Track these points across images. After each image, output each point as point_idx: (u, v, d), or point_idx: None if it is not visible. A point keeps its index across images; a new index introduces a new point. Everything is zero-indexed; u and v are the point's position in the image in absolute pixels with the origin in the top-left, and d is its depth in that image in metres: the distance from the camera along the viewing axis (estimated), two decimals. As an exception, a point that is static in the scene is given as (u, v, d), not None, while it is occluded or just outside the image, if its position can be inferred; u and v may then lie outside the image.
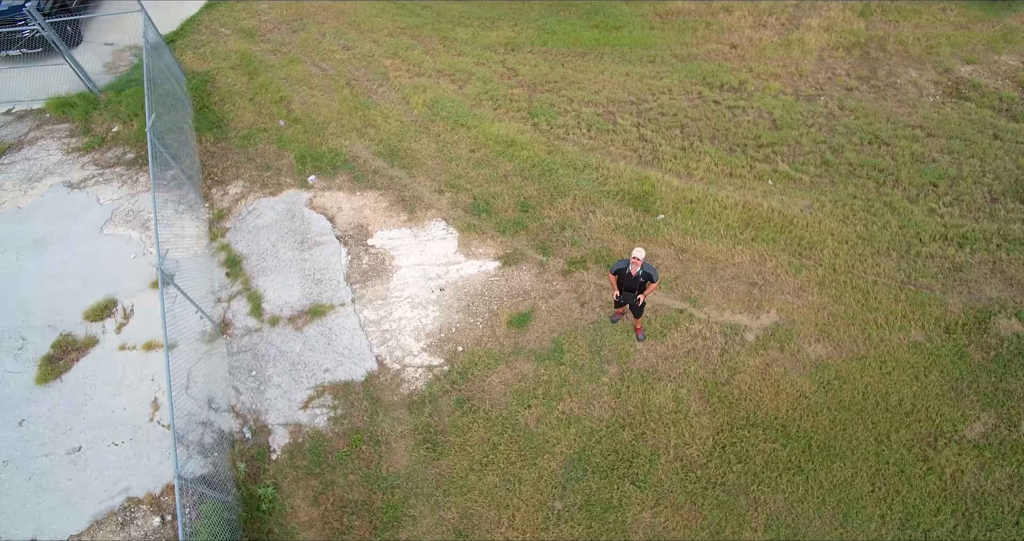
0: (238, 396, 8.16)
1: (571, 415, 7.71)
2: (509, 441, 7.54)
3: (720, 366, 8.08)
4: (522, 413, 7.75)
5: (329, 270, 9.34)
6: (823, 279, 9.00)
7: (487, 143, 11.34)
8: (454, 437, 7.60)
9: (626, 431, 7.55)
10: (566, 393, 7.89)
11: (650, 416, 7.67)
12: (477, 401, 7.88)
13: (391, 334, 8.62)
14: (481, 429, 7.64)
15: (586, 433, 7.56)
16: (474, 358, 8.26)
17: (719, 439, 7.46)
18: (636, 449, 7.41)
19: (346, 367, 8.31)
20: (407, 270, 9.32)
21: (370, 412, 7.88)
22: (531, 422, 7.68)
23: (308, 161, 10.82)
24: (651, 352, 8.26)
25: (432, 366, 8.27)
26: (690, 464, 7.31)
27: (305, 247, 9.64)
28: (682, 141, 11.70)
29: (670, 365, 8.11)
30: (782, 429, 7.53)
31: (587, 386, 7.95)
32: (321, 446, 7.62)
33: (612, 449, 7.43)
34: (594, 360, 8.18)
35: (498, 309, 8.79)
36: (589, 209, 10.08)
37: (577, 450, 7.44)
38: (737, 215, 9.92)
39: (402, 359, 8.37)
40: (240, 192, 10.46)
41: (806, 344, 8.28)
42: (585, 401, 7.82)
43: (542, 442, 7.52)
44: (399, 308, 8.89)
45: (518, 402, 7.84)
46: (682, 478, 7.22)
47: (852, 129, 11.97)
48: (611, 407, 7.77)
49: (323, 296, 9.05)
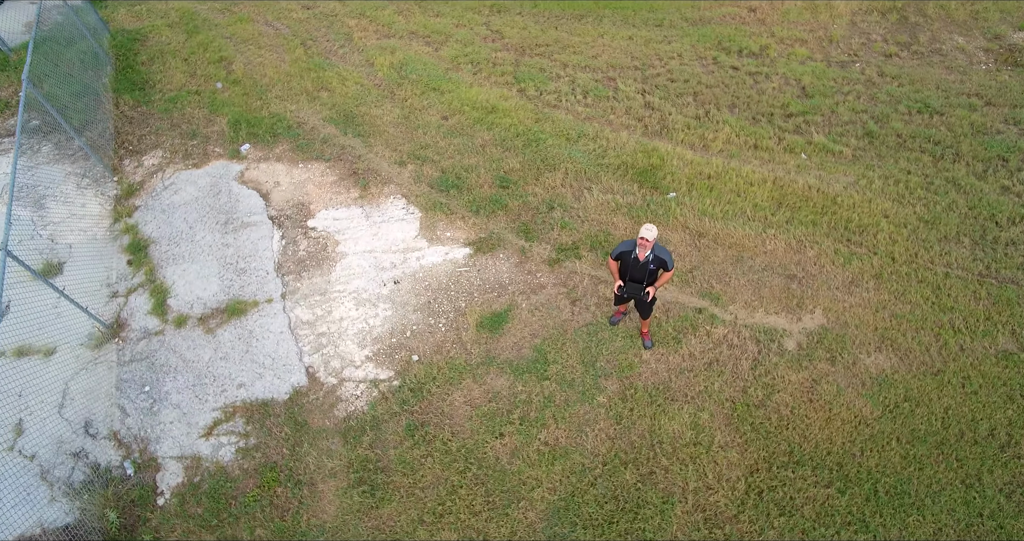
0: (124, 418, 6.27)
1: (556, 447, 5.82)
2: (473, 483, 5.64)
3: (752, 383, 6.19)
4: (492, 444, 5.86)
5: (256, 258, 7.47)
6: (880, 271, 7.11)
7: (463, 109, 9.47)
8: (400, 477, 5.71)
9: (629, 470, 5.66)
10: (550, 417, 6.01)
11: (661, 449, 5.78)
12: (434, 427, 6.00)
13: (328, 339, 6.74)
14: (437, 466, 5.75)
15: (576, 472, 5.67)
16: (432, 370, 6.38)
17: (754, 482, 5.57)
18: (642, 495, 5.51)
19: (267, 381, 6.43)
20: (354, 258, 7.45)
21: (292, 442, 5.99)
22: (503, 456, 5.80)
23: (243, 127, 8.95)
24: (662, 363, 6.38)
25: (378, 380, 6.39)
26: (715, 517, 5.41)
27: (229, 229, 7.76)
28: (696, 109, 9.84)
29: (687, 381, 6.22)
30: (837, 469, 5.64)
31: (578, 408, 6.07)
32: (223, 488, 5.73)
33: (610, 495, 5.53)
34: (587, 374, 6.30)
35: (466, 307, 6.92)
36: (584, 185, 8.21)
37: (564, 496, 5.54)
38: (766, 193, 8.05)
39: (340, 371, 6.49)
40: (157, 164, 8.58)
41: (864, 354, 6.40)
42: (575, 429, 5.94)
43: (517, 484, 5.63)
44: (341, 306, 7.01)
45: (487, 429, 5.96)
46: (705, 537, 5.33)
47: (897, 97, 10.11)
48: (609, 437, 5.88)
49: (246, 290, 7.17)
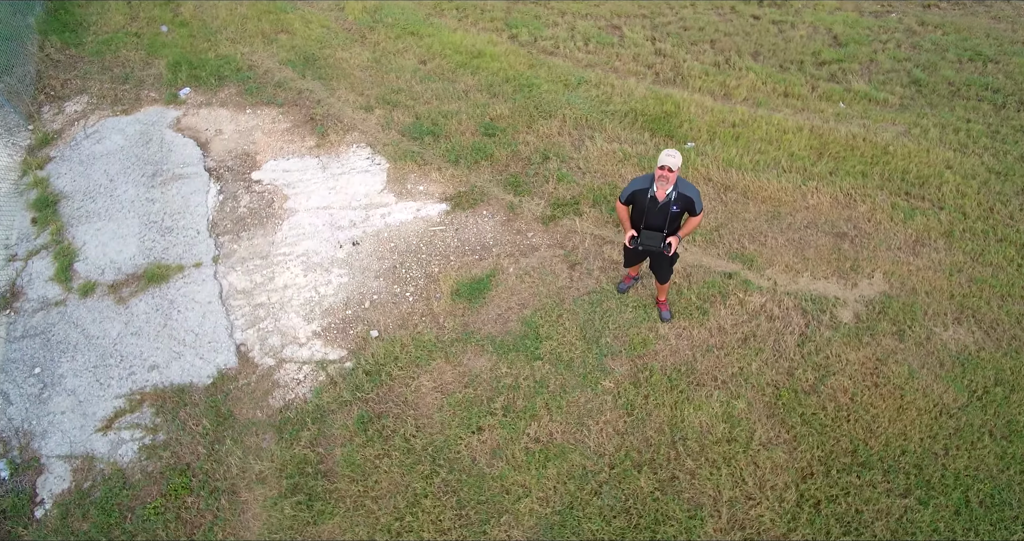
0: (5, 407, 4.96)
1: (550, 445, 4.51)
2: (442, 491, 4.33)
3: (800, 363, 4.88)
4: (467, 441, 4.55)
5: (186, 215, 6.16)
6: (950, 228, 5.80)
7: (444, 53, 8.16)
8: (347, 483, 4.40)
9: (644, 475, 4.35)
10: (542, 407, 4.70)
11: (685, 448, 4.46)
12: (394, 420, 4.69)
13: (268, 311, 5.44)
14: (396, 469, 4.44)
15: (575, 477, 4.36)
16: (395, 349, 5.08)
17: (807, 490, 4.26)
18: (662, 507, 4.20)
19: (186, 362, 5.12)
20: (305, 215, 6.14)
21: (211, 438, 4.68)
22: (481, 457, 4.49)
23: (184, 70, 7.64)
24: (684, 339, 5.07)
25: (327, 361, 5.09)
26: (758, 536, 4.10)
27: (157, 183, 6.45)
28: (714, 56, 8.53)
29: (716, 361, 4.91)
30: (916, 472, 4.33)
31: (578, 396, 4.76)
32: (119, 496, 4.42)
33: (620, 507, 4.22)
34: (590, 353, 4.99)
35: (440, 273, 5.61)
36: (585, 134, 6.91)
37: (559, 508, 4.24)
38: (803, 141, 6.74)
39: (279, 350, 5.18)
40: (80, 110, 7.27)
41: (939, 327, 5.09)
42: (574, 421, 4.63)
43: (499, 493, 4.32)
44: (286, 271, 5.71)
45: (461, 422, 4.65)
46: (747, 563, 4.02)
47: (943, 45, 8.82)
48: (618, 431, 4.57)
49: (170, 252, 5.86)
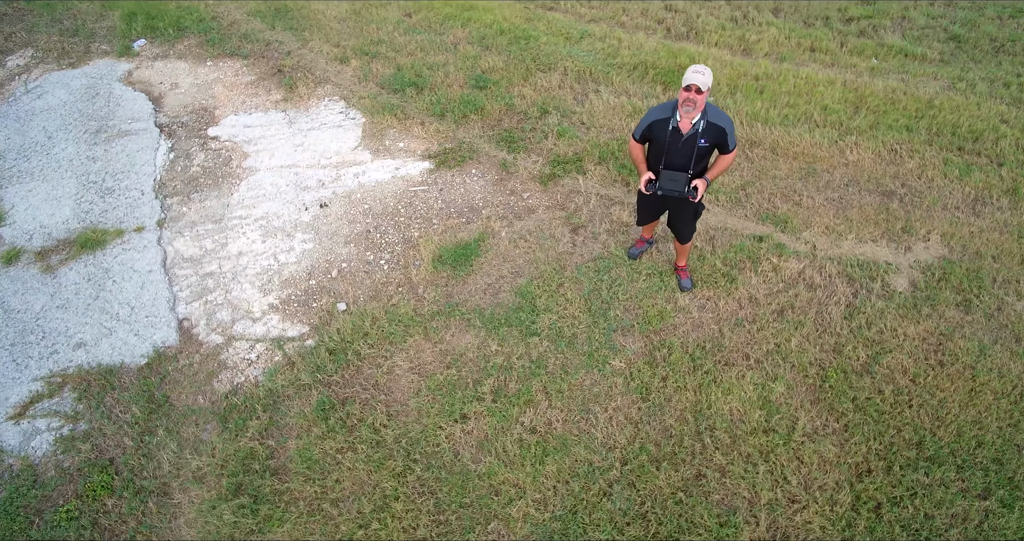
0: (-98, 394, 4.18)
1: (549, 436, 3.72)
2: (417, 491, 3.54)
3: (849, 339, 4.08)
4: (449, 431, 3.76)
5: (131, 174, 5.37)
6: (1014, 185, 5.00)
7: (432, 6, 7.37)
8: (302, 483, 3.61)
9: (664, 472, 3.55)
10: (540, 391, 3.91)
11: (713, 440, 3.67)
12: (361, 407, 3.91)
13: (218, 281, 4.65)
14: (361, 465, 3.65)
15: (580, 475, 3.56)
16: (365, 323, 4.29)
17: (864, 490, 3.46)
18: (687, 512, 3.41)
19: (117, 340, 4.34)
20: (267, 175, 5.36)
21: (141, 428, 3.90)
22: (466, 450, 3.70)
23: (140, 21, 6.85)
24: (708, 312, 4.28)
25: (284, 339, 4.30)
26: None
27: (101, 139, 5.67)
28: (731, 11, 7.74)
29: (748, 337, 4.12)
30: (996, 468, 3.52)
31: (582, 377, 3.96)
32: (26, 497, 3.64)
33: (635, 512, 3.43)
34: (596, 327, 4.20)
35: (420, 238, 4.82)
36: (589, 87, 6.12)
37: (561, 512, 3.44)
38: (837, 94, 5.95)
39: (229, 326, 4.40)
40: (24, 64, 6.49)
41: (1011, 296, 4.29)
42: (578, 407, 3.84)
43: (486, 494, 3.52)
44: (242, 236, 4.92)
45: (442, 409, 3.86)
46: (794, 581, 3.22)
47: (980, 3, 8.04)
48: (631, 420, 3.78)
49: (109, 216, 5.07)
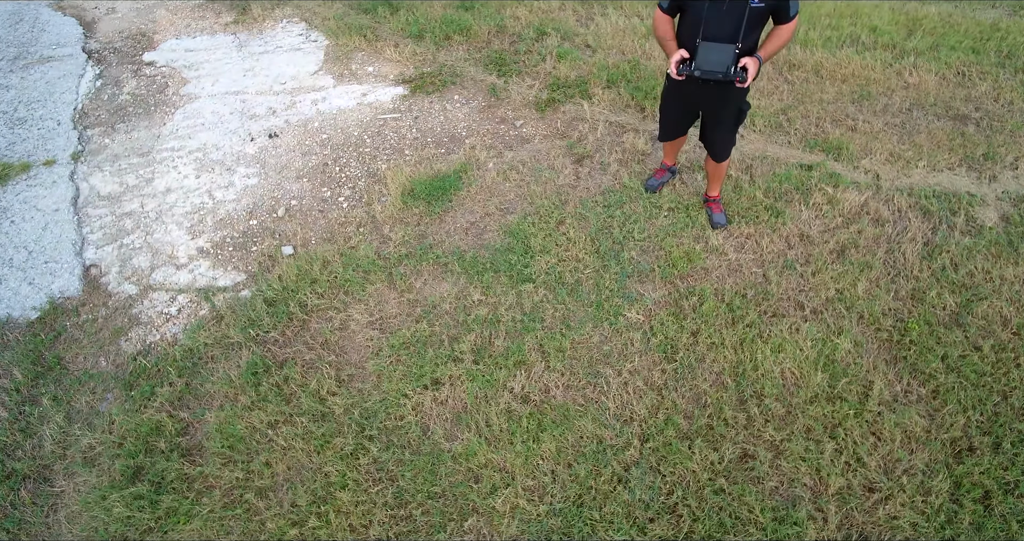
0: None
1: (546, 406, 2.83)
2: (373, 477, 2.66)
3: (931, 283, 3.19)
4: (417, 401, 2.87)
5: (48, 104, 4.51)
6: (1117, 108, 4.13)
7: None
8: (221, 467, 2.74)
9: (699, 451, 2.64)
10: (535, 350, 3.02)
11: (763, 410, 2.77)
12: (304, 370, 3.03)
13: (138, 222, 3.78)
14: (300, 444, 2.77)
15: (587, 455, 2.66)
16: (314, 268, 3.41)
17: (966, 475, 2.56)
18: (730, 506, 2.51)
19: (7, 289, 3.47)
20: (208, 102, 4.49)
21: (22, 396, 3.03)
22: (439, 425, 2.81)
23: (78, -57, 6.00)
24: (748, 252, 3.39)
25: (214, 288, 3.43)
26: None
27: (18, 67, 4.80)
28: (754, -57, 6.85)
29: (800, 282, 3.23)
30: None
31: (588, 333, 3.08)
32: None
33: (661, 504, 2.54)
34: (606, 271, 3.31)
35: (387, 170, 3.95)
36: (595, 10, 5.23)
37: (562, 505, 2.54)
38: (887, 16, 5.06)
39: (147, 274, 3.53)
40: (-60, -9, 5.66)
41: None
42: (584, 369, 2.95)
43: (464, 481, 2.64)
44: (172, 171, 4.05)
45: (408, 373, 2.97)
46: (881, 600, 2.33)
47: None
48: (652, 386, 2.89)
49: (16, 148, 4.21)
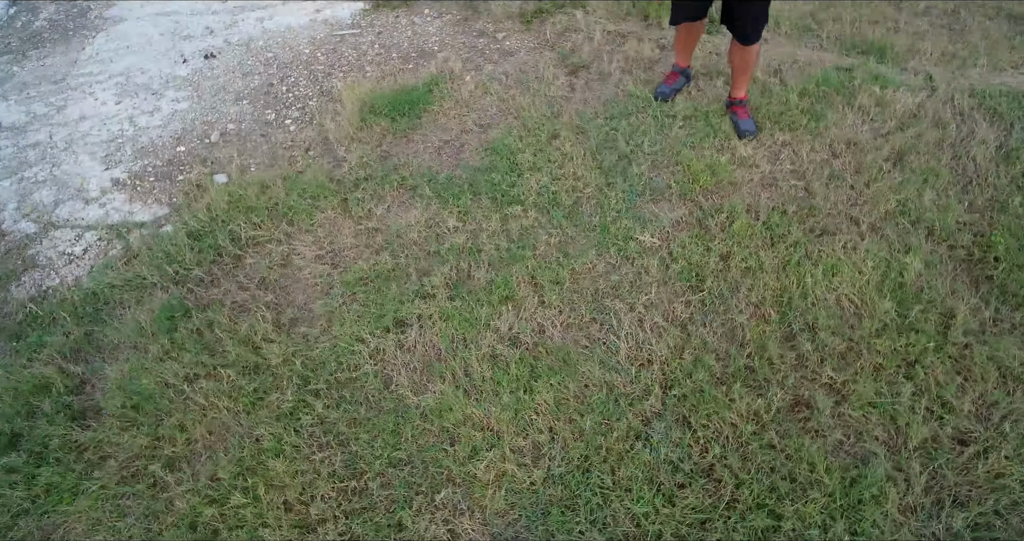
0: None
1: (540, 349, 2.20)
2: (317, 441, 2.03)
3: (1012, 191, 2.58)
4: (376, 345, 2.24)
5: (-54, 30, 3.87)
6: None
7: None
8: (119, 433, 2.09)
9: (739, 399, 2.02)
10: (524, 281, 2.39)
11: (818, 345, 2.15)
12: (235, 313, 2.39)
13: (44, 153, 3.13)
14: (225, 402, 2.13)
15: (595, 408, 2.03)
16: (249, 194, 2.77)
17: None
18: (784, 465, 1.89)
19: None
20: (135, 24, 3.84)
21: None
22: (403, 375, 2.18)
23: None
24: (784, 162, 2.76)
25: (129, 223, 2.79)
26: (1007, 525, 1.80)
27: (-84, -6, 4.16)
28: None
29: (851, 194, 2.61)
30: None
31: (592, 260, 2.45)
32: None
33: (694, 465, 1.92)
34: (612, 189, 2.68)
35: (344, 87, 3.31)
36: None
37: (562, 472, 1.92)
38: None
39: (50, 210, 2.88)
40: None
41: None
42: (588, 304, 2.32)
43: (435, 444, 2.00)
44: (88, 97, 3.40)
45: (366, 314, 2.34)
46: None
47: None
48: (674, 319, 2.26)
49: (-97, 79, 3.57)
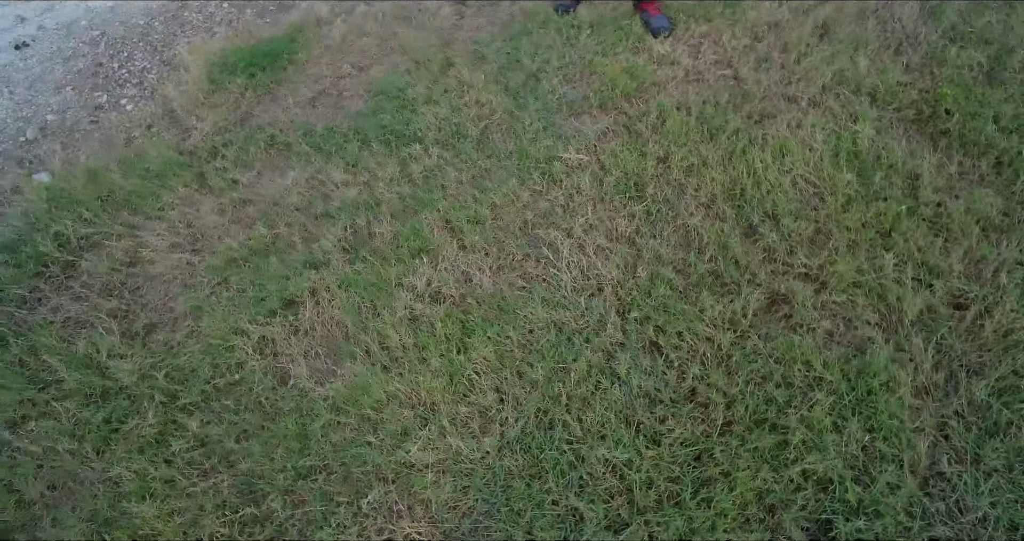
0: None
1: (468, 299, 1.75)
2: (187, 467, 1.51)
3: (944, 43, 2.31)
4: (261, 335, 1.72)
5: None
6: None
7: None
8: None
9: (709, 308, 1.64)
10: (437, 227, 1.93)
11: (782, 231, 1.79)
12: (68, 332, 1.82)
13: None
14: (67, 444, 1.57)
15: (544, 352, 1.60)
16: (77, 187, 2.18)
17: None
18: (774, 371, 1.52)
19: None
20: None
21: None
22: (299, 364, 1.68)
23: None
24: (707, 55, 2.40)
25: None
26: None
27: None
28: None
29: (784, 75, 2.27)
30: None
31: (513, 190, 2.01)
32: None
33: (676, 391, 1.52)
34: (523, 111, 2.24)
35: (189, 51, 2.76)
36: None
37: (518, 434, 1.48)
38: None
39: None
40: None
41: None
42: (516, 239, 1.88)
43: (351, 450, 1.52)
44: None
45: (238, 301, 1.82)
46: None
47: None
48: (621, 236, 1.85)
49: None
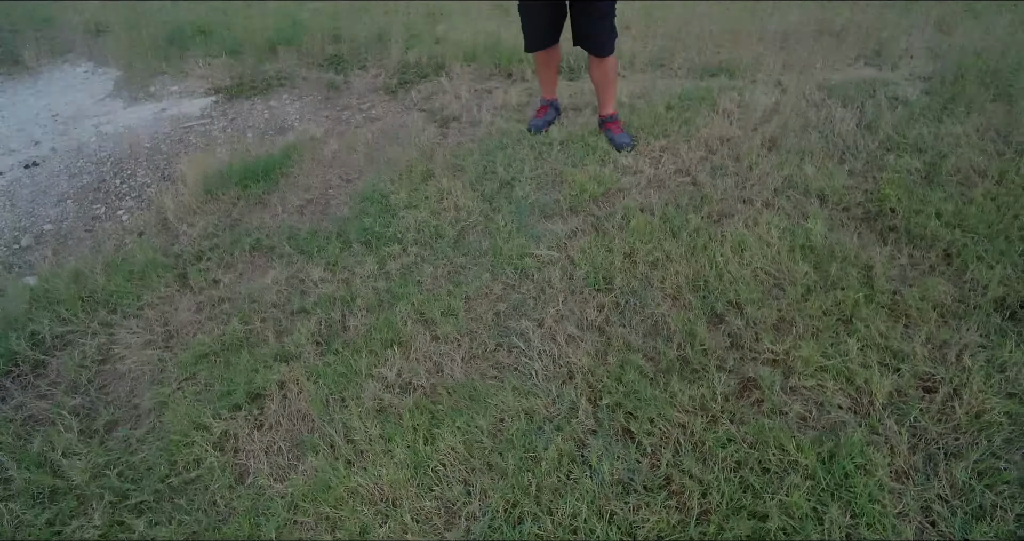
0: None
1: (438, 389, 1.68)
2: None
3: (883, 153, 2.52)
4: (223, 431, 1.63)
5: None
6: (973, 6, 4.04)
7: None
8: None
9: (680, 393, 1.58)
10: (410, 319, 1.91)
11: (747, 319, 1.79)
12: (26, 430, 1.73)
13: None
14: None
15: (513, 441, 1.50)
16: (58, 288, 2.20)
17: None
18: (752, 458, 1.44)
19: None
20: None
21: None
22: (262, 462, 1.58)
23: None
24: (668, 164, 2.56)
25: None
26: None
27: None
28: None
29: (738, 180, 2.41)
30: None
31: (487, 284, 2.05)
32: None
33: (658, 499, 1.43)
34: (497, 213, 2.34)
35: (187, 169, 2.94)
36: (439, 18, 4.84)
37: (484, 528, 1.38)
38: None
39: None
40: None
41: None
42: (489, 331, 1.87)
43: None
44: None
45: (203, 395, 1.76)
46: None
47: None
48: (590, 325, 1.84)
49: None
